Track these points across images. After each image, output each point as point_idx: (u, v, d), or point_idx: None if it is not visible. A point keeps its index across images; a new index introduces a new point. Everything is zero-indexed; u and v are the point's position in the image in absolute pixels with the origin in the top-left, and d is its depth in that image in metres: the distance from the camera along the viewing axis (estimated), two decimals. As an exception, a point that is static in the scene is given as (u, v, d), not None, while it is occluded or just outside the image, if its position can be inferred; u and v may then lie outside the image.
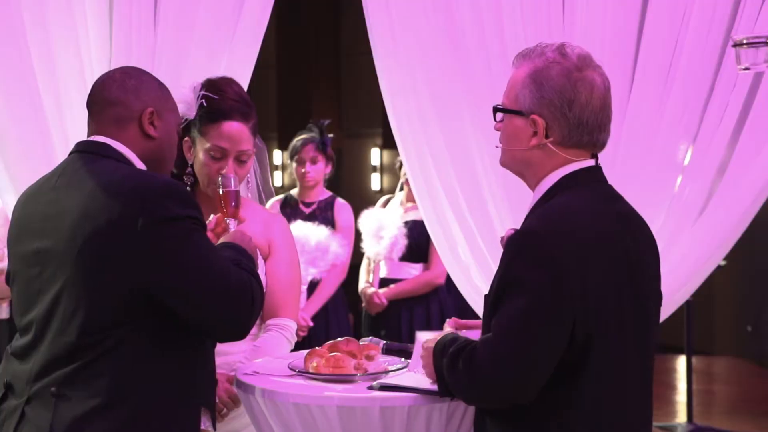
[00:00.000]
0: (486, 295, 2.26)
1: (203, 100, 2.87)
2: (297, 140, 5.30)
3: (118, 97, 2.39)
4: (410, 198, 5.39)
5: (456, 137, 3.77)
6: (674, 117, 3.77)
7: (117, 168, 2.31)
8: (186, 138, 2.93)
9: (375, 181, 10.90)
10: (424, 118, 3.78)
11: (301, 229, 4.97)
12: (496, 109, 2.31)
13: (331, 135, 5.36)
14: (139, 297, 2.23)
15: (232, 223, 2.70)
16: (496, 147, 2.35)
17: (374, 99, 5.25)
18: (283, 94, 11.96)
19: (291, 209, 5.20)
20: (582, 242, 2.12)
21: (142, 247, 2.20)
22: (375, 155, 10.94)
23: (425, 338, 2.63)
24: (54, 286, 2.26)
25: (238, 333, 2.35)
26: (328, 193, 5.31)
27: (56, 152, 3.22)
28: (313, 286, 5.13)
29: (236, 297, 2.27)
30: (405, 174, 5.38)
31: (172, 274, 2.22)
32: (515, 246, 2.15)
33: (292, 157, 5.29)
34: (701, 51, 3.73)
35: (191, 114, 2.89)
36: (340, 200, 5.28)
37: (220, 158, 2.86)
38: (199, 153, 2.89)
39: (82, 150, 2.39)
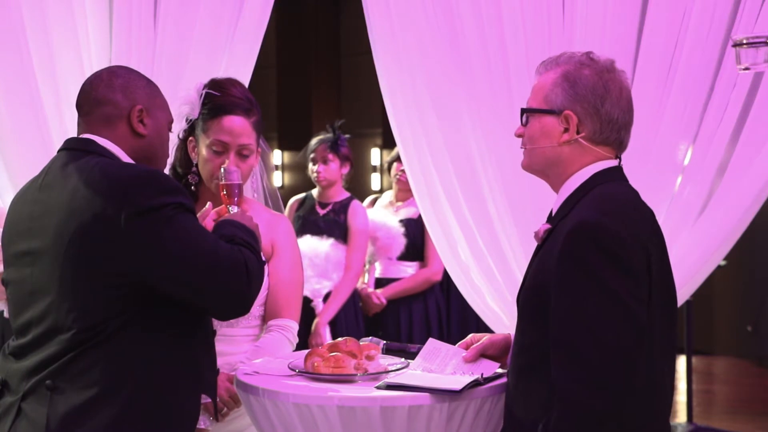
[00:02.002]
0: (524, 288, 2.29)
1: (205, 99, 2.88)
2: (313, 141, 5.31)
3: (106, 96, 2.38)
4: (400, 197, 5.39)
5: (456, 137, 3.77)
6: (674, 117, 3.77)
7: (99, 162, 2.31)
8: (190, 138, 2.94)
9: (375, 181, 10.90)
10: (424, 118, 3.78)
11: (308, 243, 4.97)
12: (524, 111, 2.36)
13: (347, 135, 5.34)
14: (131, 288, 2.23)
15: (233, 210, 2.68)
16: (521, 148, 2.39)
17: (374, 99, 5.24)
18: (283, 94, 11.96)
19: (307, 210, 5.20)
20: (641, 231, 2.20)
21: (128, 239, 2.20)
22: (375, 155, 10.93)
23: (435, 345, 2.64)
24: (46, 286, 2.27)
25: (239, 307, 2.34)
26: (346, 195, 5.28)
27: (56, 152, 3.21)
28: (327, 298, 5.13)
29: (229, 272, 2.27)
30: (396, 175, 5.37)
31: (162, 261, 2.22)
32: (586, 240, 2.15)
33: (306, 157, 5.29)
34: (701, 51, 3.73)
35: (195, 114, 2.89)
36: (356, 202, 5.23)
37: (221, 152, 2.86)
38: (202, 149, 2.90)
39: (68, 148, 2.39)
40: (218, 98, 2.87)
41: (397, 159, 5.37)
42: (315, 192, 5.31)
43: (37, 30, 3.30)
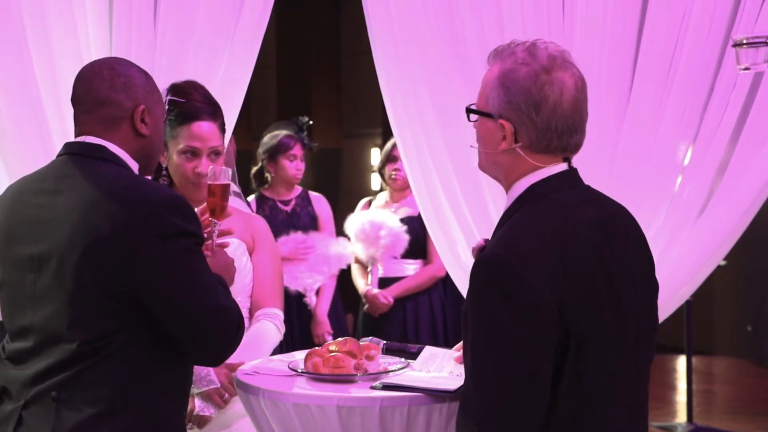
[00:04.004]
0: (461, 311, 2.19)
1: (170, 105, 2.95)
2: (284, 136, 5.18)
3: (109, 96, 2.34)
4: (395, 197, 5.39)
5: (456, 137, 3.77)
6: (674, 117, 3.77)
7: (118, 174, 2.29)
8: None
9: (375, 181, 10.90)
10: (424, 118, 3.78)
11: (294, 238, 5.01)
12: (468, 110, 2.25)
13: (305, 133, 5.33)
14: (137, 306, 2.21)
15: (216, 227, 2.71)
16: (471, 146, 2.30)
17: (374, 99, 5.23)
18: (283, 94, 11.96)
19: (269, 209, 5.17)
20: (550, 263, 2.05)
21: (144, 257, 2.19)
22: (375, 155, 10.93)
23: (432, 351, 2.65)
24: (50, 292, 2.23)
25: (216, 357, 2.34)
26: (300, 189, 5.30)
27: (56, 153, 3.21)
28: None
29: (224, 322, 2.27)
30: (391, 175, 5.37)
31: (168, 286, 2.21)
32: (482, 275, 2.07)
33: (280, 153, 5.19)
34: (701, 51, 3.73)
35: None
36: (313, 193, 5.28)
37: (192, 157, 2.96)
38: (173, 155, 2.98)
39: (76, 152, 2.34)
40: (183, 105, 2.96)
41: (388, 161, 5.38)
42: (267, 191, 5.25)
43: (37, 30, 3.30)
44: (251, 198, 5.20)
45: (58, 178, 2.31)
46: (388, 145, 5.39)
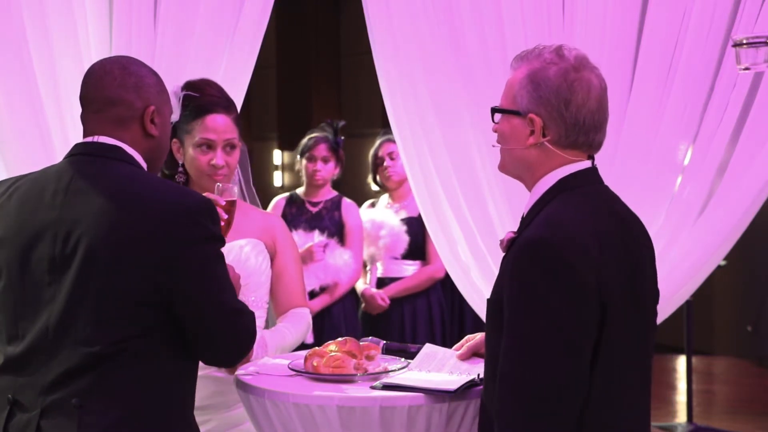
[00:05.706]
0: (489, 300, 2.25)
1: (185, 101, 2.99)
2: (309, 138, 5.27)
3: (120, 96, 2.31)
4: (396, 198, 5.39)
5: (456, 137, 3.78)
6: (674, 117, 3.77)
7: (137, 175, 2.27)
8: (174, 140, 3.02)
9: (375, 182, 10.89)
10: (424, 118, 3.78)
11: (302, 238, 4.97)
12: (494, 110, 2.33)
13: (342, 137, 5.35)
14: (161, 309, 2.19)
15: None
16: (493, 146, 2.36)
17: (374, 99, 5.23)
18: (283, 94, 11.97)
19: (297, 208, 5.19)
20: (592, 247, 2.13)
21: (178, 260, 2.17)
22: (375, 155, 10.92)
23: (431, 349, 2.65)
24: (73, 295, 2.17)
25: (231, 359, 2.34)
26: (334, 193, 5.28)
27: (56, 154, 3.21)
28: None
29: (243, 322, 2.27)
30: (385, 174, 5.38)
31: (198, 288, 2.20)
32: (529, 256, 2.13)
33: (302, 154, 5.25)
34: (701, 51, 3.73)
35: (177, 117, 2.98)
36: (346, 200, 5.25)
37: (208, 150, 3.00)
38: (189, 149, 3.02)
39: (91, 152, 2.30)
40: (198, 99, 3.01)
41: (377, 165, 5.41)
42: (300, 191, 5.30)
43: (37, 30, 3.30)
44: (281, 197, 5.24)
45: (75, 177, 2.26)
46: (372, 151, 5.45)
